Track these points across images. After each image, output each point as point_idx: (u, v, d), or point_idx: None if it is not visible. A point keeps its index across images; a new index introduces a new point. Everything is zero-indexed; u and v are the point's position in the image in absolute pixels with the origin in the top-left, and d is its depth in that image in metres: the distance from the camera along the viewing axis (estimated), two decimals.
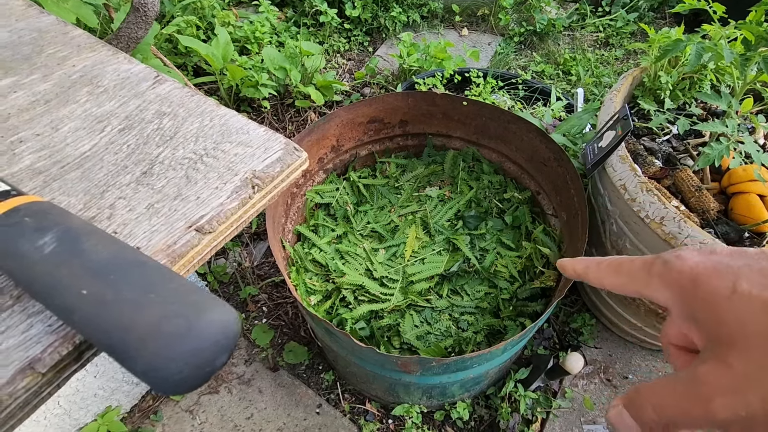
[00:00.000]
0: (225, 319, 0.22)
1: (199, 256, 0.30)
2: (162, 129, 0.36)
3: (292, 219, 1.32)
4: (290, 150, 0.35)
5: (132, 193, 0.32)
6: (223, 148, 0.35)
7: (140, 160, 0.34)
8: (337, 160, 1.42)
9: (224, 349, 0.22)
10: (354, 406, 1.32)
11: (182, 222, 0.30)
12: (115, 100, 0.39)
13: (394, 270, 1.26)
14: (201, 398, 1.33)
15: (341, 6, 2.45)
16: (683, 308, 0.24)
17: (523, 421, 1.25)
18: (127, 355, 0.21)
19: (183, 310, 0.21)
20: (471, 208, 1.38)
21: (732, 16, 1.06)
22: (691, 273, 0.23)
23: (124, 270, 0.23)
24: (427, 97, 1.34)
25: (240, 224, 0.32)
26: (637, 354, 1.39)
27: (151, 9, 0.80)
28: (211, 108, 0.38)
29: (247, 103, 2.12)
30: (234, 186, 0.32)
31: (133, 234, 0.29)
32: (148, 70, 0.41)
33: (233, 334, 0.22)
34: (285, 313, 1.52)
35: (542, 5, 2.37)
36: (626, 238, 1.04)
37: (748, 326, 0.20)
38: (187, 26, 1.95)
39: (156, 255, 0.28)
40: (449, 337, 1.15)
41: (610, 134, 0.99)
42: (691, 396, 0.22)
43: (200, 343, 0.21)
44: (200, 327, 0.21)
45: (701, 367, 0.22)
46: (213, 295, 0.23)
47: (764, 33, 0.81)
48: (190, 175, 0.33)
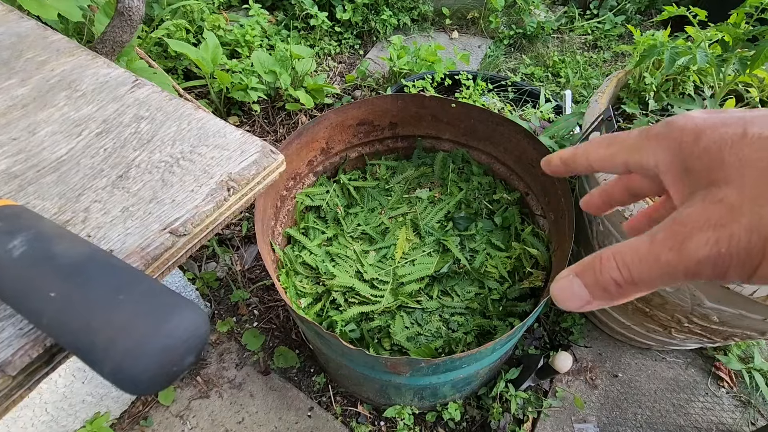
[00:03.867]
0: (194, 319, 0.22)
1: (173, 258, 0.30)
2: (139, 133, 0.36)
3: (282, 222, 1.32)
4: (266, 152, 0.35)
5: (107, 197, 0.32)
6: (199, 151, 0.35)
7: (117, 164, 0.34)
8: (327, 162, 1.42)
9: (193, 349, 0.22)
10: (346, 408, 1.32)
11: (157, 225, 0.30)
12: (94, 104, 0.39)
13: (384, 272, 1.27)
14: (191, 403, 1.32)
15: (332, 9, 2.45)
16: (675, 163, 0.22)
17: (514, 421, 1.26)
18: (95, 357, 0.21)
19: (152, 310, 0.22)
20: (461, 210, 1.39)
21: (718, 19, 1.08)
22: (695, 128, 0.21)
23: (94, 272, 0.23)
24: (417, 100, 1.35)
25: (215, 226, 0.33)
26: (626, 352, 1.40)
27: (135, 13, 0.80)
28: (189, 112, 0.38)
29: (237, 106, 2.12)
30: (209, 189, 0.33)
31: (107, 237, 0.30)
32: (126, 75, 0.41)
33: (202, 334, 0.23)
34: (276, 316, 1.51)
35: (531, 8, 2.39)
36: (613, 238, 1.05)
37: (748, 163, 0.19)
38: (177, 30, 1.95)
39: (130, 257, 0.28)
40: (439, 338, 1.15)
41: (595, 135, 1.01)
42: (666, 241, 0.19)
43: (168, 343, 0.21)
44: (169, 327, 0.21)
45: (684, 212, 0.20)
46: (182, 296, 0.23)
47: (741, 35, 0.83)
48: (166, 179, 0.33)
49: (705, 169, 0.20)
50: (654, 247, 0.20)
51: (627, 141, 0.25)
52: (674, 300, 0.99)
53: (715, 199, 0.19)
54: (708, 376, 1.35)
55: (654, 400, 1.30)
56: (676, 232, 0.19)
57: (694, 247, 0.18)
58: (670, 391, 1.32)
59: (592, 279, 0.22)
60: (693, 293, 0.92)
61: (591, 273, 0.22)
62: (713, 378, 1.34)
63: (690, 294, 0.93)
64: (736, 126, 0.20)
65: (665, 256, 0.19)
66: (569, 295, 0.23)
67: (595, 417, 1.27)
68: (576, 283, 0.22)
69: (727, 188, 0.19)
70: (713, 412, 1.28)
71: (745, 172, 0.19)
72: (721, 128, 0.20)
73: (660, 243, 0.20)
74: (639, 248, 0.20)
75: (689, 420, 1.27)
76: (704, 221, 0.19)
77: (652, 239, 0.20)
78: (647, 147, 0.23)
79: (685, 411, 1.28)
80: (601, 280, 0.21)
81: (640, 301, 1.11)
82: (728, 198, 0.19)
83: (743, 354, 1.36)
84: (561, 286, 0.23)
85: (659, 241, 0.20)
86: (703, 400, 1.30)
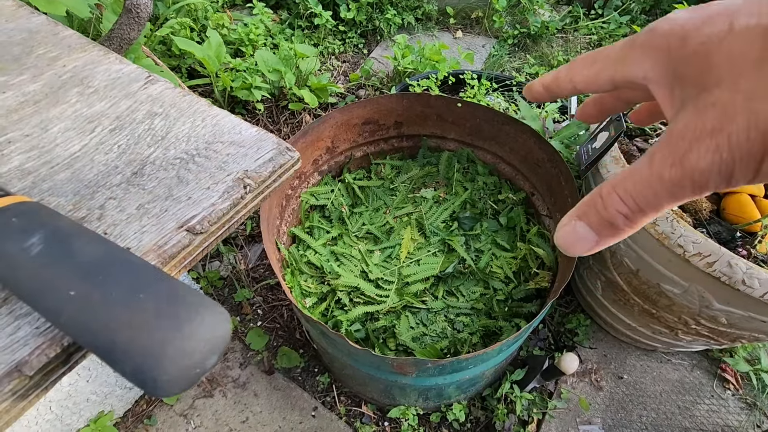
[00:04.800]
0: (217, 320, 0.22)
1: (190, 257, 0.30)
2: (153, 129, 0.36)
3: (287, 221, 1.31)
4: (282, 150, 0.35)
5: (122, 194, 0.32)
6: (214, 148, 0.35)
7: (131, 161, 0.34)
8: (332, 161, 1.42)
9: (215, 350, 0.21)
10: (350, 408, 1.31)
11: (173, 222, 0.30)
12: (106, 100, 0.39)
13: (389, 271, 1.26)
14: (195, 402, 1.32)
15: (336, 8, 2.45)
16: (664, 72, 0.20)
17: (519, 422, 1.25)
18: (116, 357, 0.20)
19: (174, 310, 0.21)
20: (466, 209, 1.39)
21: None
22: (681, 30, 0.20)
23: (113, 270, 0.23)
24: (422, 99, 1.34)
25: (232, 225, 0.32)
26: (631, 354, 1.39)
27: (143, 10, 0.79)
28: (203, 108, 0.38)
29: (241, 105, 2.12)
30: (226, 186, 0.32)
31: (123, 235, 0.29)
32: (139, 71, 0.41)
33: (225, 335, 0.22)
34: (280, 315, 1.51)
35: (535, 8, 2.39)
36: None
37: (737, 58, 0.18)
38: (181, 28, 1.95)
39: (146, 255, 0.28)
40: (445, 338, 1.15)
41: (604, 135, 1.00)
42: (666, 158, 0.19)
43: (191, 344, 0.20)
44: (191, 327, 0.21)
45: (679, 123, 0.19)
46: (205, 295, 0.23)
47: None
48: (182, 176, 0.33)
49: (696, 74, 0.19)
50: (654, 168, 0.19)
51: (611, 55, 0.23)
52: (682, 302, 0.98)
53: (708, 103, 0.18)
54: (714, 378, 1.34)
55: (659, 402, 1.30)
56: (675, 147, 0.18)
57: (695, 159, 0.18)
58: (675, 393, 1.31)
59: (596, 218, 0.21)
60: (702, 295, 0.92)
61: (594, 212, 0.21)
62: (719, 380, 1.33)
63: (698, 296, 0.92)
64: (722, 21, 0.19)
65: (668, 173, 0.18)
66: (573, 239, 0.22)
67: (600, 418, 1.27)
68: (579, 225, 0.22)
69: (719, 90, 0.18)
70: (719, 414, 1.28)
71: (734, 70, 0.18)
72: (706, 27, 0.19)
73: (660, 162, 0.19)
74: (639, 173, 0.20)
75: (694, 422, 1.26)
76: (701, 130, 0.18)
77: (651, 160, 0.19)
78: (632, 58, 0.22)
79: (690, 413, 1.28)
80: (606, 215, 0.20)
81: (646, 302, 1.11)
82: (721, 100, 0.18)
83: (749, 356, 1.35)
84: (564, 233, 0.22)
85: (659, 160, 0.19)
86: (709, 402, 1.30)
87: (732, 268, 0.81)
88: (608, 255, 1.12)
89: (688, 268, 0.88)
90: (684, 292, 0.95)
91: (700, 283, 0.90)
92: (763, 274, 0.79)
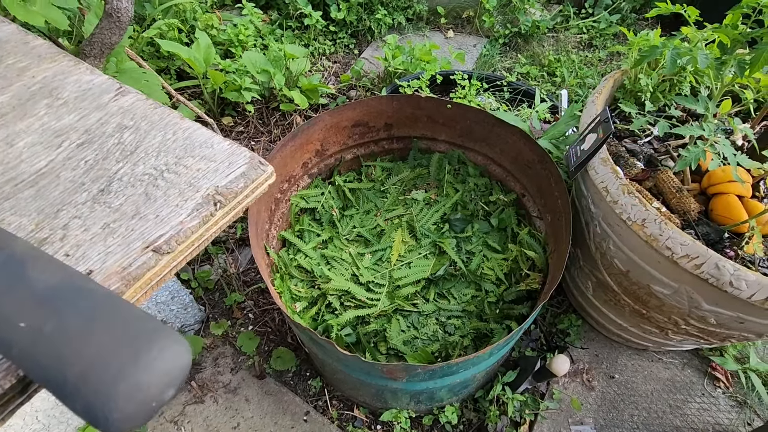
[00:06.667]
0: (176, 350, 0.21)
1: (157, 278, 0.29)
2: (123, 143, 0.35)
3: (277, 225, 1.30)
4: (255, 164, 0.34)
5: (88, 212, 0.31)
6: (185, 163, 0.34)
7: (98, 177, 0.33)
8: (322, 164, 1.41)
9: (173, 383, 0.20)
10: (342, 412, 1.31)
11: (139, 242, 0.29)
12: (76, 113, 0.38)
13: (380, 274, 1.26)
14: (186, 408, 1.31)
15: (326, 8, 2.43)
16: None
17: (511, 424, 1.25)
18: (67, 393, 0.19)
19: (129, 341, 0.20)
20: (457, 211, 1.38)
21: (710, 19, 1.07)
22: None
23: (69, 299, 0.22)
24: (412, 101, 1.34)
25: (202, 243, 0.31)
26: (623, 353, 1.40)
27: (124, 15, 0.78)
28: (175, 121, 0.37)
29: (231, 106, 2.10)
30: (195, 203, 0.31)
31: (86, 256, 0.28)
32: (110, 82, 0.40)
33: (184, 366, 0.21)
34: (272, 319, 1.50)
35: (526, 7, 2.38)
36: (610, 240, 1.04)
37: None
38: (169, 29, 1.92)
39: (109, 278, 0.27)
40: (436, 341, 1.15)
41: (592, 137, 1.00)
42: None
43: (146, 378, 0.20)
44: (147, 360, 0.20)
45: None
46: (163, 324, 0.22)
47: (739, 36, 0.82)
48: (150, 192, 0.32)
49: None
50: None
51: None
52: (671, 302, 0.98)
53: None
54: (704, 377, 1.35)
55: (650, 401, 1.30)
56: None
57: None
58: (666, 392, 1.32)
59: None
60: (691, 296, 0.92)
61: None
62: (709, 378, 1.34)
63: (688, 297, 0.93)
64: None
65: None
66: None
67: (592, 419, 1.27)
68: None
69: None
70: (709, 412, 1.28)
71: None
72: None
73: None
74: None
75: (686, 421, 1.27)
76: None
77: None
78: None
79: (681, 412, 1.28)
80: None
81: (637, 302, 1.11)
82: None
83: (739, 354, 1.36)
84: None
85: None
86: (700, 400, 1.30)
87: (719, 270, 0.81)
88: (599, 256, 1.12)
89: (677, 270, 0.88)
90: (673, 293, 0.96)
91: (688, 284, 0.90)
92: (750, 276, 0.79)
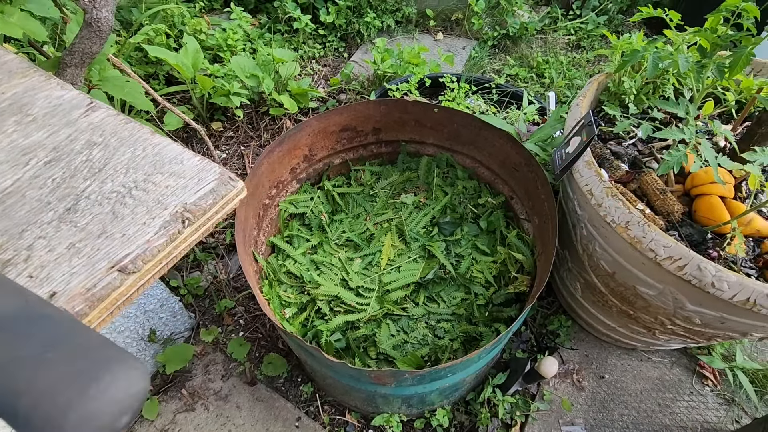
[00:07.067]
0: (130, 377, 0.21)
1: (123, 297, 0.29)
2: (91, 160, 0.35)
3: (265, 231, 1.30)
4: (225, 180, 0.34)
5: (53, 232, 0.30)
6: (154, 179, 0.34)
7: (65, 196, 0.32)
8: (311, 169, 1.41)
9: (127, 410, 0.20)
10: (334, 417, 1.30)
11: (104, 262, 0.29)
12: (44, 129, 0.37)
13: (369, 279, 1.26)
14: (177, 417, 1.30)
15: (315, 12, 2.43)
16: None
17: (502, 426, 1.26)
18: (18, 423, 0.19)
19: (81, 369, 0.20)
20: (446, 214, 1.39)
21: (695, 23, 1.09)
22: None
23: (24, 326, 0.22)
24: (399, 105, 1.34)
25: (170, 261, 0.31)
26: (612, 353, 1.41)
27: (104, 24, 0.78)
28: (146, 136, 0.37)
29: (221, 111, 2.09)
30: (162, 221, 0.31)
31: (50, 277, 0.28)
32: (81, 97, 0.40)
33: (138, 392, 0.21)
34: (263, 325, 1.49)
35: (514, 9, 2.40)
36: (596, 242, 1.05)
37: None
38: (157, 35, 1.92)
39: (73, 300, 0.27)
40: (426, 345, 1.15)
41: (576, 140, 1.01)
42: None
43: (97, 406, 0.19)
44: (99, 388, 0.20)
45: None
46: (122, 349, 0.22)
47: (718, 40, 0.83)
48: (117, 211, 0.32)
49: None
50: None
51: None
52: (657, 303, 0.99)
53: None
54: (693, 375, 1.36)
55: (640, 401, 1.31)
56: None
57: None
58: (655, 391, 1.33)
59: None
60: (675, 297, 0.93)
61: None
62: (698, 377, 1.35)
63: (672, 297, 0.94)
64: None
65: None
66: None
67: (582, 419, 1.28)
68: None
69: None
70: (698, 410, 1.29)
71: None
72: None
73: None
74: None
75: (675, 419, 1.28)
76: None
77: None
78: None
79: (670, 410, 1.29)
80: None
81: (624, 303, 1.12)
82: None
83: (726, 352, 1.38)
84: None
85: None
86: (688, 399, 1.32)
87: (701, 271, 0.82)
88: (586, 258, 1.13)
89: (661, 271, 0.89)
90: (658, 294, 0.97)
91: (672, 285, 0.91)
92: (732, 277, 0.80)
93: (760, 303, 0.79)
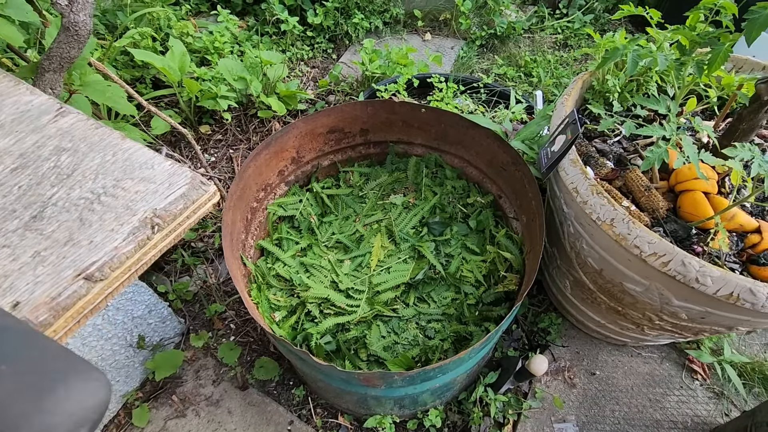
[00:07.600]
0: (88, 389, 0.21)
1: (90, 306, 0.28)
2: (59, 167, 0.34)
3: (254, 234, 1.29)
4: (196, 185, 0.33)
5: (18, 240, 0.30)
6: (123, 185, 0.33)
7: (31, 203, 0.32)
8: (299, 171, 1.40)
9: (83, 423, 0.20)
10: (326, 420, 1.30)
11: (70, 270, 0.28)
12: (11, 136, 0.37)
13: (359, 281, 1.25)
14: (167, 423, 1.29)
15: (303, 14, 2.43)
16: None
17: (494, 424, 1.26)
18: None
19: (34, 382, 0.20)
20: (435, 214, 1.39)
21: (677, 20, 1.10)
22: None
23: None
24: (387, 106, 1.34)
25: (139, 267, 0.31)
26: (603, 350, 1.42)
27: (82, 28, 0.77)
28: (116, 142, 0.36)
29: (209, 114, 2.08)
30: (131, 227, 0.31)
31: (14, 287, 0.27)
32: (50, 102, 0.39)
33: (98, 404, 0.21)
34: (254, 328, 1.48)
35: (502, 9, 2.41)
36: (583, 239, 1.06)
37: None
38: (143, 38, 1.90)
39: (37, 310, 0.26)
40: (416, 346, 1.15)
41: (561, 138, 1.01)
42: None
43: (51, 420, 0.19)
44: (53, 401, 0.19)
45: None
46: (82, 360, 0.21)
47: (697, 37, 0.84)
48: (85, 217, 0.31)
49: None
50: None
51: None
52: (644, 299, 1.00)
53: None
54: (682, 370, 1.37)
55: (631, 396, 1.32)
56: None
57: None
58: (646, 386, 1.34)
59: None
60: (661, 292, 0.93)
61: None
62: (687, 371, 1.37)
63: (658, 293, 0.94)
64: None
65: None
66: None
67: (574, 416, 1.28)
68: None
69: None
70: (688, 404, 1.31)
71: None
72: None
73: None
74: None
75: (665, 414, 1.29)
76: None
77: None
78: None
79: (661, 405, 1.30)
80: None
81: (612, 300, 1.12)
82: None
83: (715, 346, 1.39)
84: None
85: None
86: (678, 393, 1.33)
87: (686, 266, 0.82)
88: (573, 255, 1.14)
89: (646, 268, 0.90)
90: (645, 291, 0.97)
91: (658, 281, 0.92)
92: (715, 272, 0.80)
93: (743, 297, 0.79)
